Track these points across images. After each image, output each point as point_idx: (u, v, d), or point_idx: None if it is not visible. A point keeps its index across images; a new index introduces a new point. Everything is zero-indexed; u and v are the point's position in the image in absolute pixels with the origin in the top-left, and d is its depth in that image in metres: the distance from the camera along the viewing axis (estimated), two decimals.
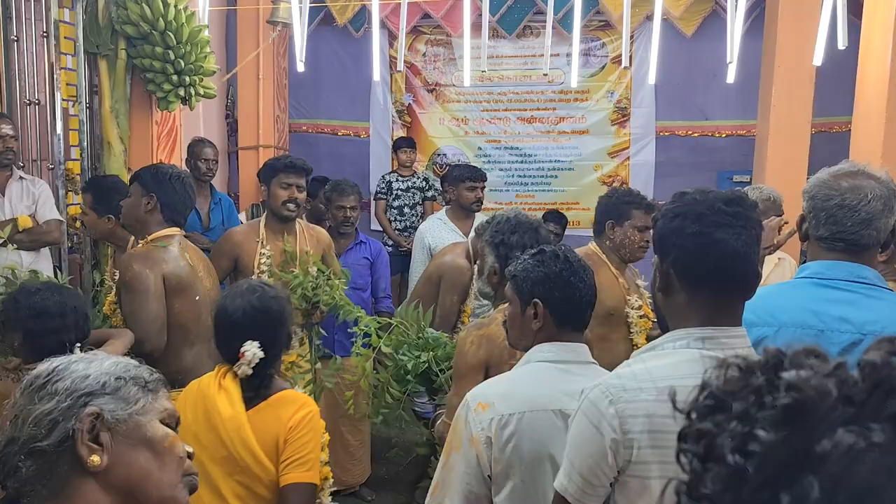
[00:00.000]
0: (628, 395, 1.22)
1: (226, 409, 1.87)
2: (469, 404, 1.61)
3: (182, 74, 3.63)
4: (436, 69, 6.24)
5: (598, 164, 6.15)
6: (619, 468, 1.23)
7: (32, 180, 3.45)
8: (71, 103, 3.67)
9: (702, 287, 1.27)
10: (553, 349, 1.62)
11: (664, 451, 1.19)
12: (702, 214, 1.24)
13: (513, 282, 1.70)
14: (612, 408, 1.22)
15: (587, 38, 5.91)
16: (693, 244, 1.25)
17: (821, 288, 1.62)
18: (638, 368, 1.28)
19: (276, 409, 1.91)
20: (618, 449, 1.22)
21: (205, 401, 1.91)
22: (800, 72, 4.19)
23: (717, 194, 1.28)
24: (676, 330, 1.29)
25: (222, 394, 1.89)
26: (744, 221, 1.24)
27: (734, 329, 1.27)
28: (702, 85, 5.79)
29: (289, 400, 1.94)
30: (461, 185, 4.02)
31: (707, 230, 1.23)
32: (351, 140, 6.38)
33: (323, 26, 6.02)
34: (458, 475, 1.60)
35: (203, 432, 1.88)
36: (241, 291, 1.96)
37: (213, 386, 1.91)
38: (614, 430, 1.21)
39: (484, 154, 6.25)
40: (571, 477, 1.27)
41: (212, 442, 1.87)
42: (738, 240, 1.23)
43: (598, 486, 1.26)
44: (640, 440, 1.20)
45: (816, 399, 0.49)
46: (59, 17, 3.54)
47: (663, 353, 1.28)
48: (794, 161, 4.17)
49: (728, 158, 5.83)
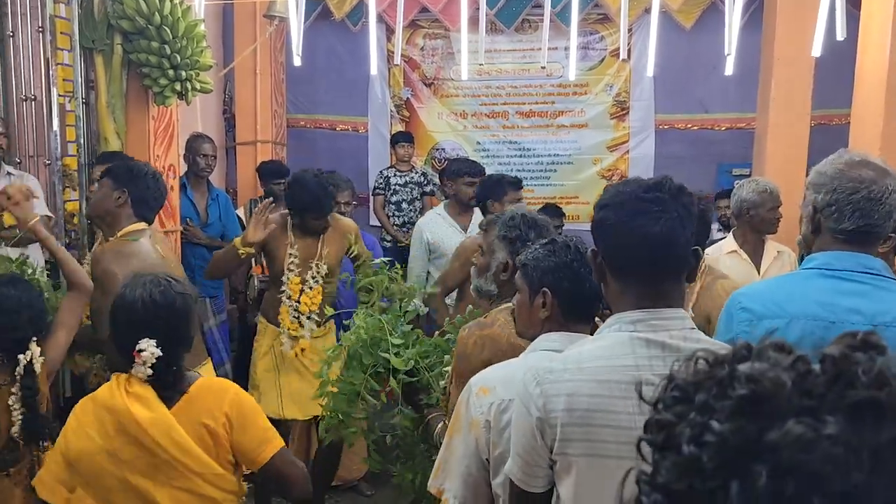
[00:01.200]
0: (553, 377, 1.27)
1: (144, 414, 1.74)
2: (471, 388, 1.63)
3: (178, 69, 3.61)
4: (434, 63, 6.23)
5: (598, 157, 6.14)
6: (549, 447, 1.27)
7: (20, 176, 3.42)
8: (67, 99, 3.66)
9: (629, 274, 1.30)
10: (558, 339, 1.63)
11: (585, 428, 1.23)
12: (621, 204, 1.28)
13: (522, 270, 1.71)
14: (538, 388, 1.27)
15: (586, 31, 5.89)
16: (615, 233, 1.29)
17: (830, 279, 1.60)
18: (569, 353, 1.34)
19: (201, 400, 1.81)
20: (543, 428, 1.26)
21: (113, 414, 1.75)
22: (799, 64, 4.17)
23: (640, 182, 1.30)
24: (613, 315, 1.33)
25: (134, 400, 1.75)
26: (663, 206, 1.25)
27: (668, 311, 1.28)
28: (701, 78, 5.78)
29: (210, 388, 1.85)
30: (459, 180, 4.02)
31: (626, 219, 1.27)
32: (349, 135, 6.37)
33: (320, 20, 6.00)
34: (458, 458, 1.62)
35: (120, 447, 1.74)
36: (143, 283, 1.81)
37: (117, 396, 1.76)
38: (539, 410, 1.26)
39: (483, 148, 6.24)
40: (514, 459, 1.32)
41: (134, 454, 1.74)
42: (658, 224, 1.25)
43: (535, 467, 1.30)
44: (563, 418, 1.24)
45: (771, 390, 0.51)
46: (54, 12, 3.53)
47: (597, 338, 1.33)
48: (793, 154, 4.16)
49: (727, 151, 5.82)
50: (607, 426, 1.22)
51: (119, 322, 1.81)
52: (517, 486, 1.32)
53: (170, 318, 1.79)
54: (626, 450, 1.21)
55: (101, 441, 1.73)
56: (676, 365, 0.59)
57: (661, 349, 1.25)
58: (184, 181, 4.36)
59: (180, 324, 1.82)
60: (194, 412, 1.79)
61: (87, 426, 1.76)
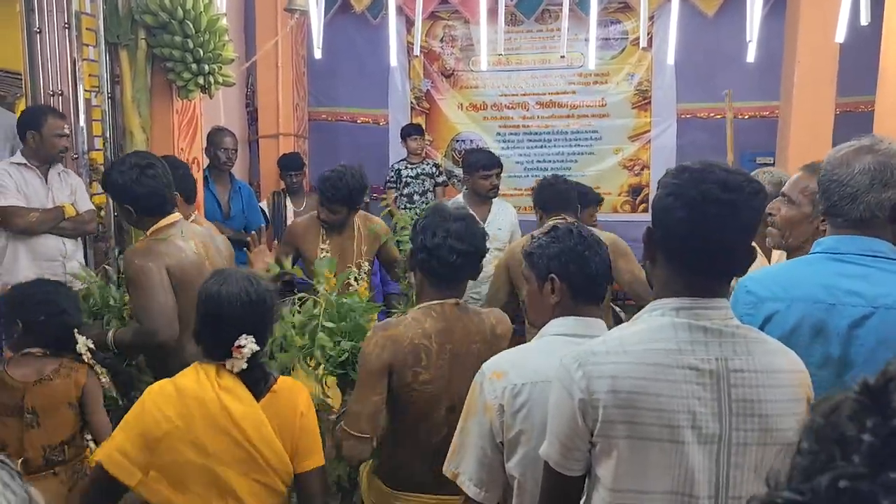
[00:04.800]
0: (596, 359, 1.26)
1: (237, 408, 1.77)
2: (484, 373, 1.65)
3: (201, 63, 3.66)
4: (453, 55, 6.23)
5: (619, 147, 6.11)
6: (590, 430, 1.26)
7: (67, 171, 3.55)
8: (93, 94, 3.72)
9: (684, 267, 1.28)
10: (567, 323, 1.66)
11: (629, 411, 1.23)
12: (693, 201, 1.22)
13: (528, 259, 1.74)
14: (580, 370, 1.26)
15: (607, 20, 5.86)
16: (680, 229, 1.25)
17: (833, 262, 1.62)
18: (610, 336, 1.33)
19: (284, 398, 1.85)
20: (586, 409, 1.25)
21: (203, 405, 1.77)
22: (823, 50, 4.12)
23: (717, 178, 1.22)
24: (655, 300, 1.32)
25: (225, 393, 1.78)
26: (738, 210, 1.22)
27: (713, 301, 1.28)
28: (724, 66, 5.72)
29: (291, 388, 1.90)
30: (475, 174, 4.02)
31: (697, 217, 1.22)
32: (369, 127, 6.39)
33: (340, 13, 6.02)
34: (473, 441, 1.64)
35: (207, 437, 1.76)
36: (235, 279, 1.84)
37: (207, 387, 1.78)
38: (581, 391, 1.25)
39: (503, 139, 6.23)
40: (551, 442, 1.32)
41: (222, 446, 1.77)
42: (727, 230, 1.23)
43: (574, 450, 1.29)
44: (606, 400, 1.23)
45: None
46: (80, 8, 3.58)
47: (639, 322, 1.32)
48: (817, 142, 4.11)
49: (751, 140, 5.75)
50: (650, 409, 1.22)
51: (211, 317, 1.82)
52: (554, 470, 1.32)
53: (264, 314, 1.84)
54: (667, 432, 1.22)
55: (185, 429, 1.76)
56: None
57: (703, 333, 1.25)
58: (206, 175, 4.41)
59: (269, 320, 1.87)
60: (278, 409, 1.83)
61: (170, 412, 1.77)
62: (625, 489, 1.25)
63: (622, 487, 1.25)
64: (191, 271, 2.51)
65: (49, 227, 3.35)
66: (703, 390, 1.23)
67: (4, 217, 3.29)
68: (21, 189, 3.34)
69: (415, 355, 1.94)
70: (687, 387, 1.23)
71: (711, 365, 1.24)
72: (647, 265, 1.35)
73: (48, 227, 3.35)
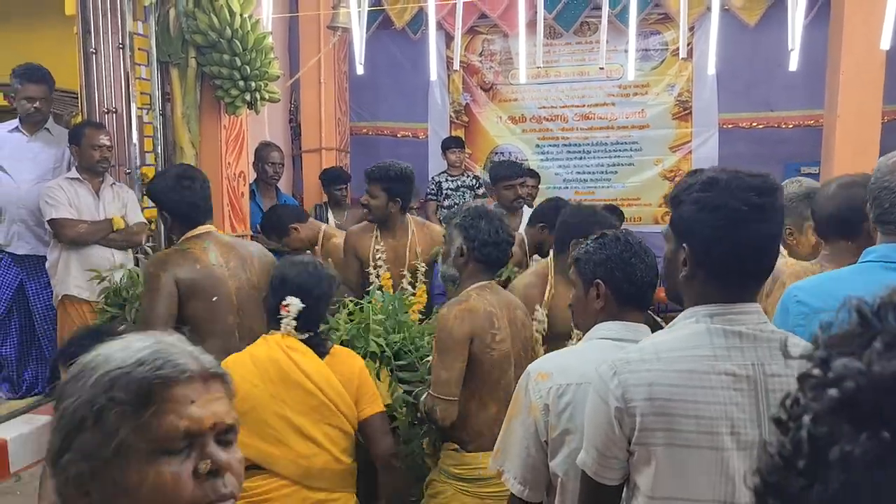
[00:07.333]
0: (631, 367, 1.27)
1: (308, 364, 2.09)
2: (530, 374, 1.69)
3: (248, 80, 3.78)
4: (492, 68, 6.28)
5: (659, 158, 6.07)
6: (627, 438, 1.26)
7: (121, 185, 3.70)
8: (145, 111, 3.87)
9: (718, 274, 1.28)
10: (613, 327, 1.68)
11: (666, 418, 1.23)
12: (736, 211, 1.22)
13: (576, 265, 1.78)
14: (616, 379, 1.26)
15: (646, 31, 5.85)
16: (715, 237, 1.25)
17: (888, 271, 1.59)
18: (645, 343, 1.34)
19: (341, 360, 2.19)
20: (622, 417, 1.25)
21: (276, 364, 2.08)
22: (869, 57, 4.05)
23: (748, 184, 1.23)
24: (689, 308, 1.32)
25: (295, 352, 2.10)
26: (769, 214, 1.23)
27: (746, 305, 1.28)
28: (766, 75, 5.65)
29: (345, 352, 2.26)
30: (499, 185, 4.08)
31: (729, 225, 1.23)
32: (410, 141, 6.47)
33: (381, 30, 6.12)
34: (518, 440, 1.67)
35: (283, 391, 2.07)
36: (300, 261, 2.22)
37: (277, 350, 2.10)
38: (617, 400, 1.25)
39: (542, 151, 6.25)
40: (588, 451, 1.33)
41: (297, 397, 2.08)
42: (761, 234, 1.24)
43: (611, 458, 1.30)
44: (642, 408, 1.23)
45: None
46: (133, 29, 3.73)
47: (673, 329, 1.32)
48: (864, 151, 4.04)
49: (795, 150, 5.66)
50: (687, 416, 1.22)
51: (277, 280, 2.16)
52: (592, 479, 1.33)
53: (321, 288, 2.15)
54: (705, 439, 1.22)
55: (263, 386, 2.07)
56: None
57: (738, 339, 1.25)
58: (253, 188, 4.53)
59: (326, 294, 2.18)
60: (339, 366, 2.17)
61: (248, 374, 2.05)
62: (664, 497, 1.25)
63: (662, 495, 1.25)
64: (203, 282, 2.56)
65: (98, 238, 3.49)
66: (740, 396, 1.23)
67: (55, 228, 3.44)
68: (73, 203, 3.48)
69: (489, 321, 2.21)
70: (724, 393, 1.23)
71: (748, 370, 1.24)
72: (681, 278, 1.33)
73: (97, 238, 3.49)
